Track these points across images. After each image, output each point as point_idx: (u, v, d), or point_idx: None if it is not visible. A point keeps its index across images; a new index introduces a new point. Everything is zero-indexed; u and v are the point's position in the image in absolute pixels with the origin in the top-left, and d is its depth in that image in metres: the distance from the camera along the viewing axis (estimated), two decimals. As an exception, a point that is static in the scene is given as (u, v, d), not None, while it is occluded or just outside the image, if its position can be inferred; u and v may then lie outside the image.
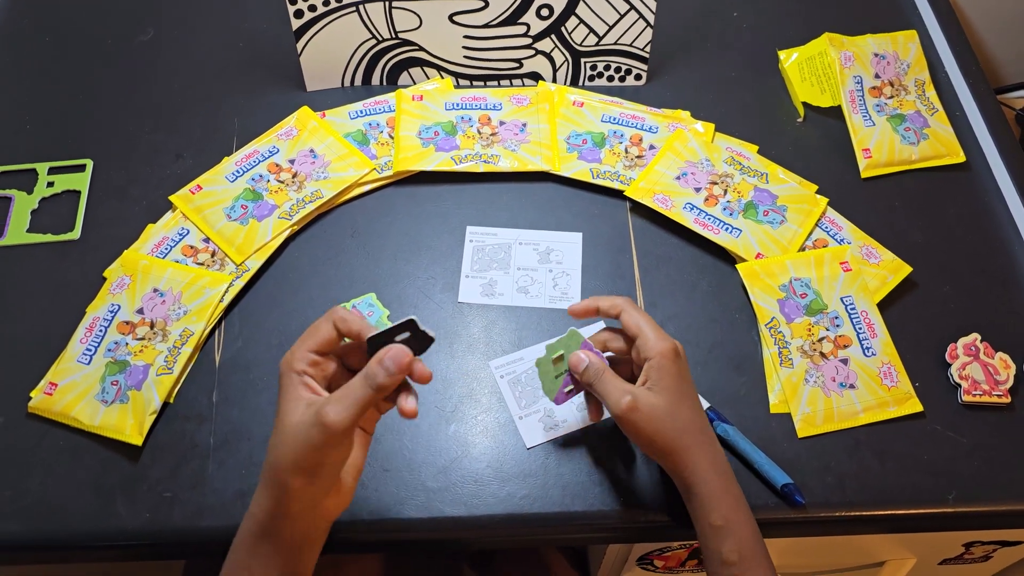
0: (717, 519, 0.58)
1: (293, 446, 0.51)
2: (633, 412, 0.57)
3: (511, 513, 0.65)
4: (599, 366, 0.60)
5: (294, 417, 0.51)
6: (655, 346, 0.59)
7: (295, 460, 0.51)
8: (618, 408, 0.58)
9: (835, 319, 0.73)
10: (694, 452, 0.59)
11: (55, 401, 0.68)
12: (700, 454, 0.59)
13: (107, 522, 0.64)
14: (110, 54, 0.92)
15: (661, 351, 0.59)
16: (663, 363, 0.59)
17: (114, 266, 0.75)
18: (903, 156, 0.83)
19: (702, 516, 0.58)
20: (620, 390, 0.58)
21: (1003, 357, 0.71)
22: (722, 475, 0.59)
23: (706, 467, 0.58)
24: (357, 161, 0.82)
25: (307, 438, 0.50)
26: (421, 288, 0.76)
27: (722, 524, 0.57)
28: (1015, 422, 0.69)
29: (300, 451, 0.50)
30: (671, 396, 0.58)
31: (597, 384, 0.60)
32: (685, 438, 0.58)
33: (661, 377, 0.58)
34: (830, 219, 0.79)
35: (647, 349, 0.59)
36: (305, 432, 0.50)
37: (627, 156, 0.82)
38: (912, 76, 0.88)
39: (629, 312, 0.61)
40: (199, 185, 0.80)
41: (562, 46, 0.86)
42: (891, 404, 0.69)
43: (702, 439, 0.59)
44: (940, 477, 0.66)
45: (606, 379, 0.60)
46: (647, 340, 0.59)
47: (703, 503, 0.58)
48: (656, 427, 0.58)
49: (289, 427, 0.51)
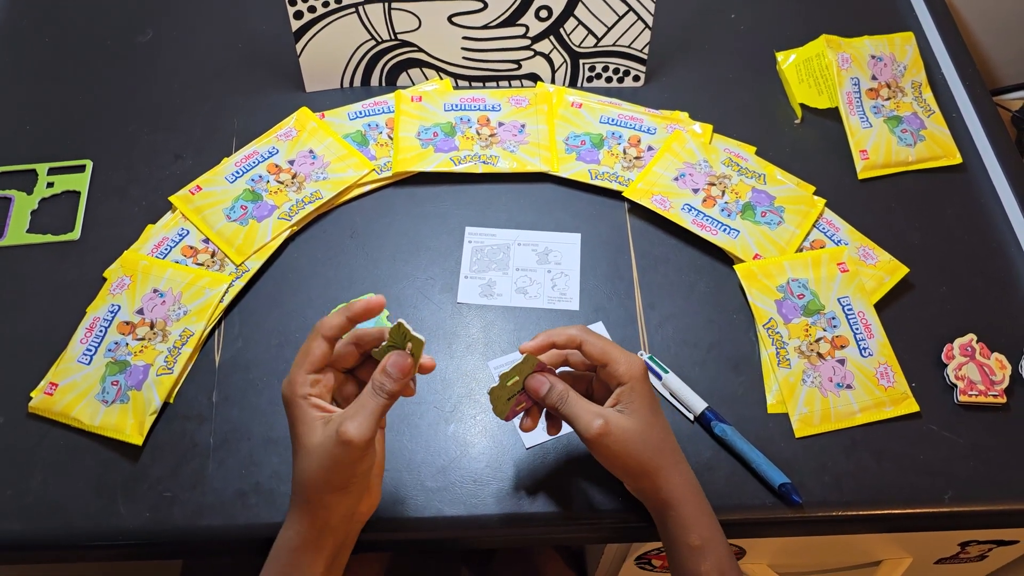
0: (695, 539, 0.57)
1: (321, 466, 0.52)
2: (605, 436, 0.56)
3: (510, 513, 0.65)
4: (562, 389, 0.58)
5: (314, 439, 0.53)
6: (628, 371, 0.57)
7: (327, 479, 0.52)
8: (588, 432, 0.56)
9: (832, 320, 0.73)
10: (668, 472, 0.58)
11: (55, 401, 0.68)
12: (675, 474, 0.58)
13: (107, 521, 0.64)
14: (110, 55, 0.92)
15: (633, 375, 0.57)
16: (635, 386, 0.57)
17: (114, 266, 0.76)
18: (900, 157, 0.83)
19: (679, 536, 0.58)
20: (590, 413, 0.57)
21: (999, 357, 0.71)
22: (697, 494, 0.59)
23: (682, 487, 0.58)
24: (356, 162, 0.82)
25: (333, 457, 0.52)
26: (420, 289, 0.76)
27: (700, 544, 0.57)
28: (1011, 422, 0.70)
29: (329, 470, 0.52)
30: (643, 417, 0.57)
31: (563, 407, 0.58)
32: (658, 459, 0.58)
33: (632, 399, 0.57)
34: (827, 220, 0.79)
35: (619, 375, 0.57)
36: (330, 452, 0.52)
37: (625, 157, 0.83)
38: (909, 78, 0.88)
39: (590, 341, 0.58)
40: (199, 186, 0.80)
41: (561, 47, 0.86)
42: (888, 404, 0.70)
43: (675, 459, 0.59)
44: (936, 477, 0.67)
45: (572, 401, 0.58)
46: (618, 365, 0.57)
47: (681, 523, 0.58)
48: (629, 449, 0.57)
49: (312, 449, 0.52)
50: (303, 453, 0.53)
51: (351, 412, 0.52)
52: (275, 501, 0.65)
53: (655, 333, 0.73)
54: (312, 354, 0.55)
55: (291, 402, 0.54)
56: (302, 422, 0.53)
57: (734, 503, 0.65)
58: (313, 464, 0.52)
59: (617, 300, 0.75)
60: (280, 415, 0.69)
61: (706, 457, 0.68)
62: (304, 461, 0.53)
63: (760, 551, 0.78)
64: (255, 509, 0.65)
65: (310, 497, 0.53)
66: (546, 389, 0.59)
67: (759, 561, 0.80)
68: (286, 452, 0.67)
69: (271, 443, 0.68)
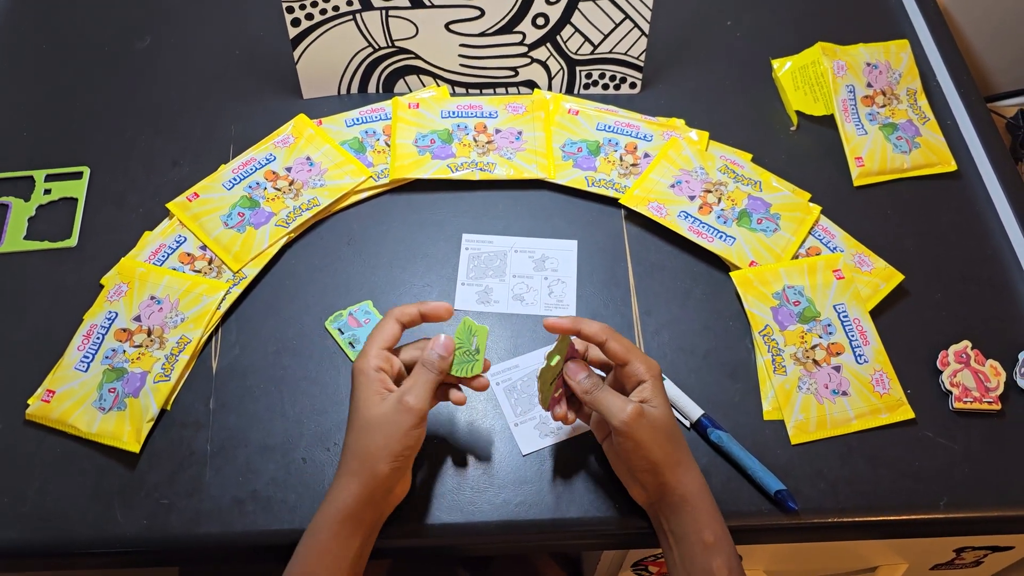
0: (709, 536, 0.59)
1: (384, 434, 0.57)
2: (640, 417, 0.58)
3: (507, 519, 0.65)
4: (597, 378, 0.62)
5: (377, 410, 0.58)
6: (649, 368, 0.61)
7: (387, 446, 0.57)
8: (624, 414, 0.58)
9: (828, 327, 0.73)
10: (687, 468, 0.60)
11: (52, 408, 0.68)
12: (693, 471, 0.61)
13: (104, 529, 0.64)
14: (107, 61, 0.92)
15: (653, 374, 0.61)
16: (656, 384, 0.60)
17: (111, 273, 0.76)
18: (895, 164, 0.84)
19: (693, 532, 0.59)
20: (622, 399, 0.59)
21: (993, 364, 0.72)
22: (710, 494, 0.61)
23: (698, 484, 0.60)
24: (353, 169, 0.82)
25: (396, 424, 0.57)
26: (417, 296, 0.76)
27: (714, 541, 0.59)
28: (1005, 429, 0.70)
29: (391, 438, 0.57)
30: (666, 412, 0.60)
31: (597, 393, 0.61)
32: (679, 453, 0.60)
33: (656, 395, 0.60)
34: (823, 227, 0.80)
35: (641, 372, 0.61)
36: (393, 420, 0.57)
37: (622, 164, 0.83)
38: (904, 85, 0.89)
39: (616, 340, 0.62)
40: (196, 193, 0.80)
41: (557, 54, 0.86)
42: (883, 411, 0.70)
43: (691, 457, 0.61)
44: (931, 483, 0.67)
45: (606, 389, 0.61)
46: (638, 365, 0.61)
47: (695, 519, 0.59)
48: (657, 438, 0.59)
49: (375, 419, 0.58)
50: (364, 423, 0.58)
51: (407, 387, 0.59)
52: (272, 508, 0.65)
53: (651, 340, 0.74)
54: (385, 332, 0.60)
55: (362, 372, 0.59)
56: (368, 394, 0.58)
57: (730, 510, 0.66)
58: (377, 432, 0.57)
59: (613, 307, 0.75)
60: (276, 423, 0.69)
61: (702, 464, 0.68)
62: (366, 430, 0.58)
63: (756, 557, 0.78)
64: (252, 516, 0.65)
65: (367, 464, 0.57)
66: (584, 374, 0.62)
67: (755, 567, 0.80)
68: (283, 459, 0.67)
69: (268, 450, 0.68)
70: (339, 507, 0.58)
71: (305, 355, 0.73)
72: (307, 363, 0.72)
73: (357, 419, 0.59)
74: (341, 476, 0.59)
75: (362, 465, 0.58)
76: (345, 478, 0.58)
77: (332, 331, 0.73)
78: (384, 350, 0.60)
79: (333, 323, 0.74)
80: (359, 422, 0.58)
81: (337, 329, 0.73)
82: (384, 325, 0.61)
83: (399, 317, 0.61)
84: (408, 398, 0.58)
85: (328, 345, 0.73)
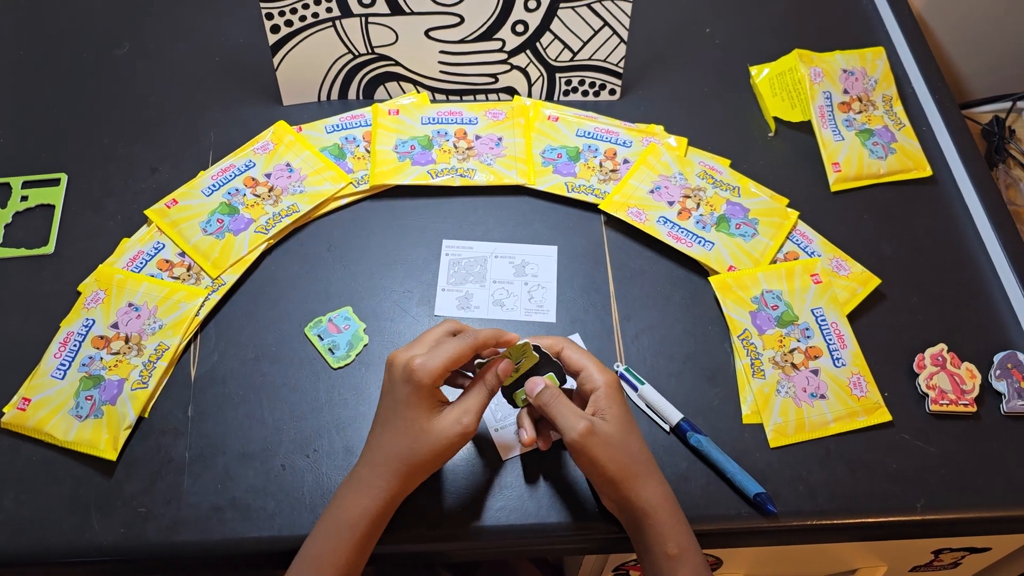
0: (673, 548, 0.58)
1: (436, 449, 0.59)
2: (590, 435, 0.58)
3: (487, 525, 0.65)
4: (554, 391, 0.61)
5: (436, 424, 0.59)
6: (600, 376, 0.61)
7: (435, 460, 0.60)
8: (573, 432, 0.58)
9: (806, 331, 0.74)
10: (646, 480, 0.59)
11: (28, 416, 0.68)
12: (653, 482, 0.60)
13: (81, 538, 0.64)
14: (86, 68, 0.92)
15: (606, 381, 0.61)
16: (609, 392, 0.60)
17: (88, 280, 0.75)
18: (871, 170, 0.85)
19: (656, 546, 0.59)
20: (575, 415, 0.59)
21: (969, 367, 0.73)
22: (673, 503, 0.60)
23: (660, 496, 0.59)
24: (333, 175, 0.82)
25: (450, 442, 0.59)
26: (397, 302, 0.76)
27: (677, 553, 0.58)
28: (981, 431, 0.71)
29: (442, 455, 0.60)
30: (621, 424, 0.60)
31: (552, 406, 0.60)
32: (636, 466, 0.59)
33: (610, 405, 0.60)
34: (801, 232, 0.80)
35: (592, 380, 0.61)
36: (448, 437, 0.59)
37: (601, 170, 0.83)
38: (880, 92, 0.90)
39: (570, 349, 0.62)
40: (175, 199, 0.80)
41: (537, 61, 0.87)
42: (861, 414, 0.70)
43: (651, 468, 0.60)
44: (909, 485, 0.68)
45: (561, 403, 0.60)
46: (592, 372, 0.61)
47: (658, 532, 0.59)
48: (611, 454, 0.58)
49: (433, 432, 0.59)
50: (418, 431, 0.58)
51: (466, 407, 0.60)
52: (251, 516, 0.65)
53: (631, 345, 0.74)
54: (459, 352, 0.60)
55: (423, 386, 0.58)
56: (427, 407, 0.59)
57: (710, 513, 0.66)
58: (430, 443, 0.59)
59: (594, 312, 0.76)
60: (255, 429, 0.69)
61: (682, 468, 0.68)
62: (420, 439, 0.59)
63: (736, 561, 0.78)
64: (231, 524, 0.64)
65: (410, 469, 0.59)
66: (540, 388, 0.62)
67: (735, 571, 0.80)
68: (262, 466, 0.67)
69: (247, 457, 0.67)
70: (379, 506, 0.59)
71: (284, 362, 0.72)
72: (286, 369, 0.72)
73: (413, 428, 0.59)
74: (381, 474, 0.59)
75: (409, 470, 0.59)
76: (387, 478, 0.59)
77: (311, 337, 0.73)
78: (452, 368, 0.59)
79: (312, 329, 0.74)
80: (415, 432, 0.59)
81: (316, 335, 0.73)
82: (462, 347, 0.60)
83: (477, 346, 0.61)
84: (467, 419, 0.59)
85: (307, 351, 0.73)
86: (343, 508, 0.59)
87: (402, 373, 0.59)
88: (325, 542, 0.59)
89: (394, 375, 0.60)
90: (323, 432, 0.69)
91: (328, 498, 0.66)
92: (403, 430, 0.59)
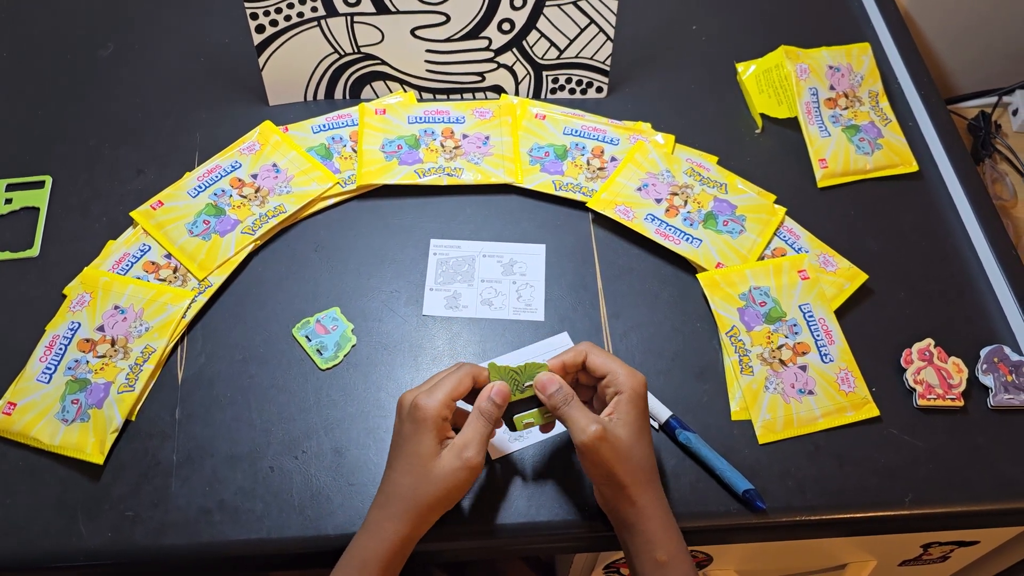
0: (662, 555, 0.59)
1: (443, 489, 0.58)
2: (602, 440, 0.58)
3: (479, 525, 0.65)
4: (568, 391, 0.61)
5: (440, 463, 0.58)
6: (628, 381, 0.60)
7: (444, 501, 0.59)
8: (584, 435, 0.58)
9: (794, 327, 0.74)
10: (645, 488, 0.60)
11: (14, 421, 0.67)
12: (651, 491, 0.60)
13: (68, 542, 0.63)
14: (70, 69, 0.91)
15: (634, 386, 0.60)
16: (634, 398, 0.60)
17: (74, 283, 0.75)
18: (858, 166, 0.85)
19: (645, 552, 0.59)
20: (588, 418, 0.59)
21: (956, 361, 0.73)
22: (666, 512, 0.60)
23: (655, 504, 0.60)
24: (320, 175, 0.82)
25: (457, 480, 0.58)
26: (385, 302, 0.76)
27: (666, 560, 0.59)
28: (968, 425, 0.71)
29: (450, 495, 0.59)
30: (634, 431, 0.59)
31: (565, 409, 0.60)
32: (639, 474, 0.59)
33: (628, 411, 0.59)
34: (788, 228, 0.80)
35: (619, 384, 0.60)
36: (454, 475, 0.58)
37: (589, 168, 0.83)
38: (866, 87, 0.90)
39: (595, 353, 0.62)
40: (160, 201, 0.80)
41: (524, 59, 0.87)
42: (849, 409, 0.71)
43: (652, 476, 0.61)
44: (897, 480, 0.68)
45: (574, 405, 0.60)
46: (618, 375, 0.60)
47: (648, 539, 0.59)
48: (618, 459, 0.58)
49: (437, 472, 0.58)
50: (423, 471, 0.58)
51: (468, 440, 0.59)
52: (239, 518, 0.65)
53: (620, 343, 0.74)
54: (460, 385, 0.60)
55: (427, 422, 0.58)
56: (431, 442, 0.58)
57: (699, 510, 0.66)
58: (434, 484, 0.58)
59: (582, 310, 0.76)
60: (243, 432, 0.68)
61: (671, 465, 0.68)
62: (424, 480, 0.58)
63: (727, 558, 0.78)
64: (219, 527, 0.64)
65: (420, 511, 0.58)
66: (555, 388, 0.61)
67: (726, 567, 0.80)
68: (250, 468, 0.67)
69: (235, 460, 0.67)
70: (384, 546, 0.58)
71: (272, 363, 0.72)
72: (274, 371, 0.72)
73: (416, 466, 0.58)
74: (389, 515, 0.58)
75: (418, 511, 0.58)
76: (395, 520, 0.58)
77: (299, 338, 0.73)
78: (453, 400, 0.60)
79: (300, 330, 0.73)
80: (419, 470, 0.58)
81: (304, 336, 0.73)
82: (460, 376, 0.60)
83: (476, 376, 0.61)
84: (469, 454, 0.58)
85: (295, 352, 0.73)
86: (357, 548, 0.59)
87: (408, 411, 0.59)
88: None
89: (402, 414, 0.60)
90: (311, 433, 0.69)
91: (317, 500, 0.65)
92: (408, 470, 0.59)
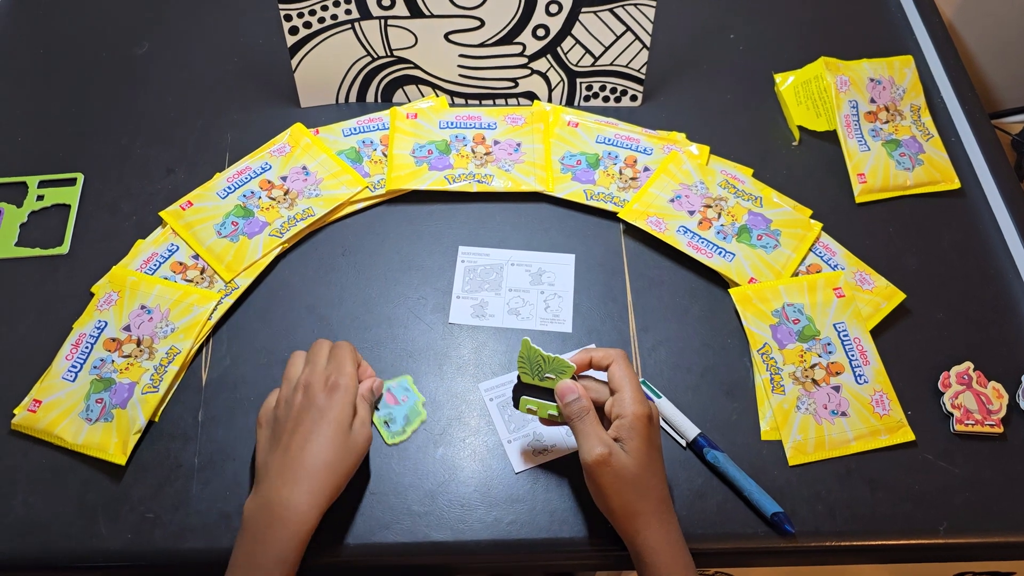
0: None
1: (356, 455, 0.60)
2: (604, 465, 0.57)
3: (498, 539, 0.64)
4: (585, 404, 0.60)
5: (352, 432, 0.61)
6: (630, 407, 0.59)
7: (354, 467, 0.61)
8: (590, 456, 0.57)
9: (828, 346, 0.72)
10: (649, 520, 0.58)
11: (39, 418, 0.67)
12: (656, 523, 0.58)
13: (88, 542, 0.63)
14: (104, 67, 0.92)
15: (635, 412, 0.58)
16: (635, 424, 0.58)
17: (102, 282, 0.75)
18: (898, 182, 0.83)
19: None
20: (598, 438, 0.58)
21: (996, 386, 0.71)
22: (673, 545, 0.59)
23: (659, 538, 0.58)
24: (350, 179, 0.81)
25: (364, 449, 0.61)
26: (411, 308, 0.75)
27: None
28: (1007, 452, 0.69)
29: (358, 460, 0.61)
30: (639, 460, 0.58)
31: (578, 422, 0.59)
32: (643, 504, 0.58)
33: (631, 438, 0.58)
34: (824, 244, 0.79)
35: (622, 407, 0.59)
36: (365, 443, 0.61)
37: (621, 178, 0.82)
38: (908, 101, 0.88)
39: (619, 364, 0.61)
40: (190, 201, 0.79)
41: (558, 66, 0.86)
42: (883, 432, 0.69)
43: (660, 508, 0.59)
44: (931, 507, 0.66)
45: (588, 420, 0.59)
46: (624, 398, 0.59)
47: (652, 573, 0.58)
48: (619, 487, 0.57)
49: (354, 437, 0.61)
50: (344, 441, 0.60)
51: (364, 416, 0.62)
52: (259, 524, 0.64)
53: (648, 357, 0.73)
54: (355, 352, 0.64)
55: (351, 390, 0.62)
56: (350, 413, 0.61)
57: (726, 531, 0.64)
58: (355, 452, 0.60)
59: (610, 323, 0.74)
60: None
61: (698, 484, 0.66)
62: (345, 450, 0.59)
63: (753, 580, 0.76)
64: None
65: (340, 483, 0.59)
66: (572, 397, 0.60)
67: (752, 589, 0.79)
68: (272, 474, 0.66)
69: (257, 464, 0.67)
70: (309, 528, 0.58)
71: (296, 367, 0.71)
72: (298, 376, 0.71)
73: (340, 434, 0.60)
74: (306, 493, 0.58)
75: (338, 486, 0.59)
76: (313, 495, 0.58)
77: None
78: None
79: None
80: (342, 438, 0.60)
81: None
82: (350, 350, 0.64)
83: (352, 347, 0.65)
84: (368, 429, 0.62)
85: (320, 358, 0.72)
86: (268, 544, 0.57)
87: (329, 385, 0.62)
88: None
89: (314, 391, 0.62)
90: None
91: (335, 507, 0.64)
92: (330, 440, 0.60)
